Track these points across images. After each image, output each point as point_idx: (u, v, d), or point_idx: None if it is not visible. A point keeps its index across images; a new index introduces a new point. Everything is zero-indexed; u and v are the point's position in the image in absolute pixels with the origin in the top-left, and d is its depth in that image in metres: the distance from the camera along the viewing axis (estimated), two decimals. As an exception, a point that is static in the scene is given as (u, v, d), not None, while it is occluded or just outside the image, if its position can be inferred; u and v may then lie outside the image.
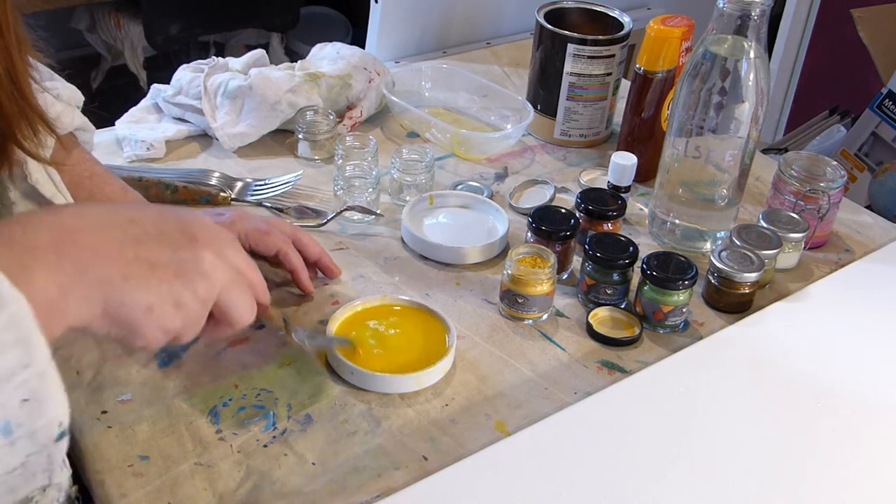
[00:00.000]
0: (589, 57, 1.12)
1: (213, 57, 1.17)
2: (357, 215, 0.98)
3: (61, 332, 0.51)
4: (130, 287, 0.52)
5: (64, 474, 0.63)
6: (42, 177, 0.74)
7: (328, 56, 1.20)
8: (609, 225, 0.95)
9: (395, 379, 0.76)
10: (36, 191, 0.74)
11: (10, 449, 0.46)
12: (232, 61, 1.15)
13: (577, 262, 0.93)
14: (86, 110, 0.87)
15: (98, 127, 0.89)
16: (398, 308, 0.84)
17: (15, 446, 0.46)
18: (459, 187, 1.06)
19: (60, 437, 0.48)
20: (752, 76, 0.89)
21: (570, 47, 1.11)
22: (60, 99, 0.80)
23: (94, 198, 0.83)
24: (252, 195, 1.01)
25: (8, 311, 0.45)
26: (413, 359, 0.79)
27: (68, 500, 0.67)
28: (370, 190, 0.99)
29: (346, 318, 0.82)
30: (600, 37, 1.11)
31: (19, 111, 0.58)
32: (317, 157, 1.09)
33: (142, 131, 1.08)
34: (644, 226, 1.03)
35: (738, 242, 0.91)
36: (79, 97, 0.85)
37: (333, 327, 0.80)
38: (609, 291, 0.88)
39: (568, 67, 1.13)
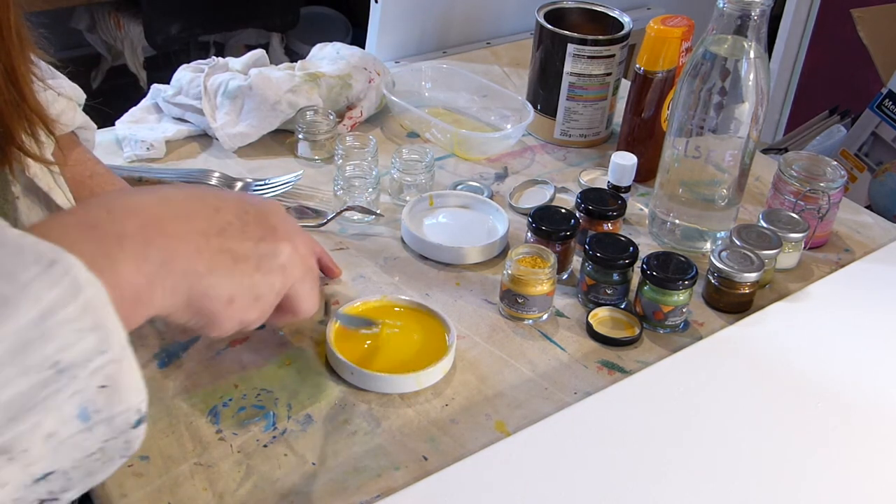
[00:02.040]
0: (589, 57, 1.12)
1: (213, 57, 1.17)
2: (357, 215, 0.98)
3: (144, 321, 0.51)
4: (215, 279, 0.53)
5: None
6: (40, 170, 0.74)
7: (328, 56, 1.20)
8: (609, 225, 0.95)
9: (395, 379, 0.76)
10: (34, 183, 0.74)
11: (88, 434, 0.45)
12: (232, 61, 1.15)
13: (577, 262, 0.93)
14: (86, 110, 0.87)
15: (98, 127, 0.89)
16: (398, 308, 0.84)
17: (93, 432, 0.46)
18: (459, 187, 1.06)
19: (139, 423, 0.48)
20: (752, 76, 0.89)
21: (570, 47, 1.11)
22: (62, 97, 0.80)
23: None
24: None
25: (84, 297, 0.44)
26: (413, 359, 0.79)
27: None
28: (370, 190, 0.99)
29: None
30: (600, 37, 1.11)
31: (18, 112, 0.58)
32: (317, 157, 1.09)
33: (142, 131, 1.08)
34: (644, 226, 1.03)
35: (738, 242, 0.91)
36: (80, 95, 0.85)
37: (333, 328, 0.80)
38: (609, 291, 0.88)
39: (568, 67, 1.13)
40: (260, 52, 1.18)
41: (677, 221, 0.98)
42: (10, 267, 0.43)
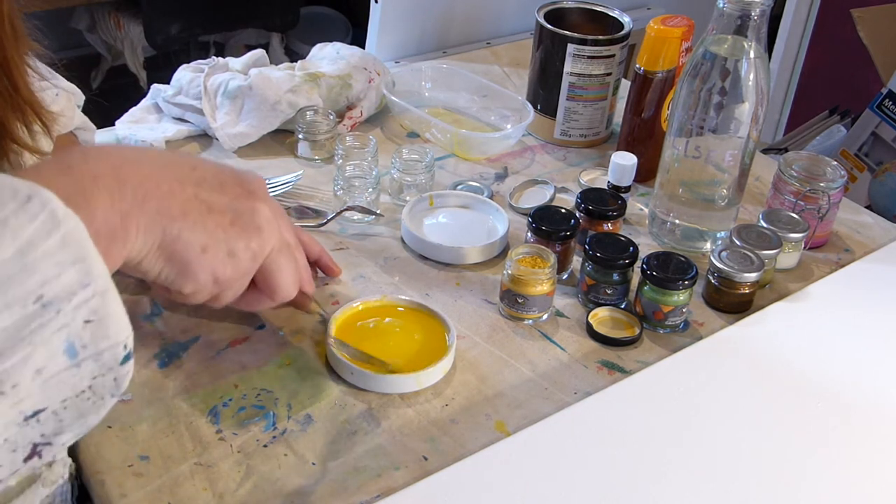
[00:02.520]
0: (589, 57, 1.12)
1: (213, 57, 1.17)
2: (357, 215, 0.98)
3: (121, 261, 0.51)
4: (188, 224, 0.53)
5: (62, 453, 0.63)
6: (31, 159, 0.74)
7: (328, 56, 1.20)
8: (609, 225, 0.95)
9: (395, 379, 0.76)
10: None
11: (76, 370, 0.46)
12: (232, 61, 1.15)
13: (577, 262, 0.93)
14: (86, 110, 0.87)
15: (98, 127, 0.89)
16: (398, 308, 0.84)
17: (80, 368, 0.46)
18: (459, 187, 1.06)
19: (126, 359, 0.48)
20: (752, 76, 0.89)
21: (570, 47, 1.11)
22: (60, 97, 0.80)
23: None
24: (252, 195, 1.01)
25: (62, 231, 0.45)
26: (413, 359, 0.79)
27: (70, 478, 0.67)
28: (370, 190, 0.99)
29: (346, 318, 0.82)
30: (600, 37, 1.11)
31: (12, 105, 0.58)
32: (317, 157, 1.09)
33: (142, 131, 1.08)
34: (644, 226, 1.03)
35: (738, 242, 0.91)
36: (79, 95, 0.85)
37: (333, 327, 0.80)
38: (609, 291, 0.88)
39: (568, 67, 1.13)
40: (260, 52, 1.18)
41: (677, 221, 0.98)
42: None
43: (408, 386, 0.77)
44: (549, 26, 1.13)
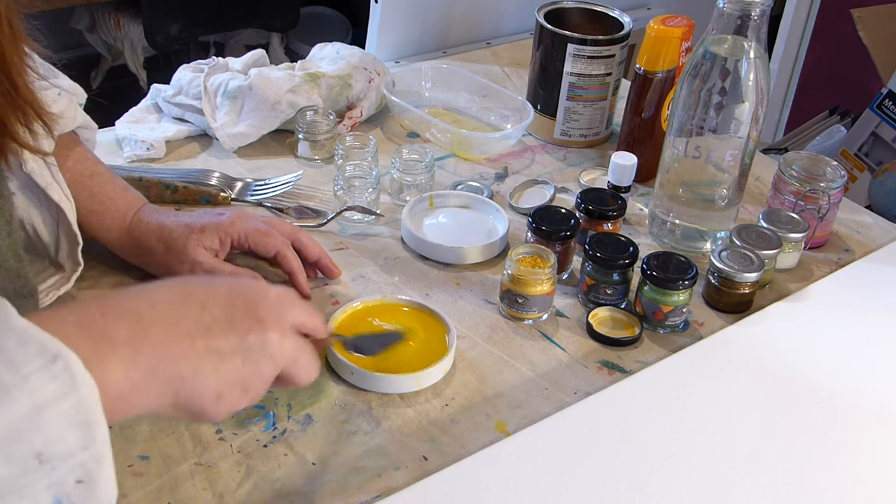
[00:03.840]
0: (589, 57, 1.12)
1: (213, 57, 1.17)
2: (357, 215, 0.98)
3: (126, 418, 0.52)
4: (201, 380, 0.54)
5: None
6: (38, 166, 0.74)
7: (328, 56, 1.20)
8: (609, 225, 0.95)
9: (395, 379, 0.76)
10: (31, 180, 0.74)
11: None
12: (232, 61, 1.15)
13: (577, 262, 0.93)
14: (86, 110, 0.87)
15: (98, 127, 0.89)
16: (398, 308, 0.84)
17: None
18: (459, 187, 1.06)
19: None
20: (752, 76, 0.89)
21: (570, 47, 1.11)
22: (62, 97, 0.81)
23: (95, 197, 0.83)
24: (252, 195, 1.01)
25: (79, 394, 0.46)
26: (413, 359, 0.79)
27: None
28: (370, 190, 0.99)
29: (346, 318, 0.82)
30: (600, 37, 1.11)
31: (10, 102, 0.58)
32: (317, 157, 1.09)
33: (142, 131, 1.08)
34: (644, 226, 1.03)
35: (738, 242, 0.91)
36: (81, 94, 0.85)
37: (333, 327, 0.80)
38: (609, 291, 0.88)
39: (568, 67, 1.13)
40: (260, 52, 1.18)
41: (677, 221, 0.98)
42: (14, 356, 0.45)
43: (408, 386, 0.77)
44: (549, 26, 1.13)
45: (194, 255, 0.81)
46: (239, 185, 1.02)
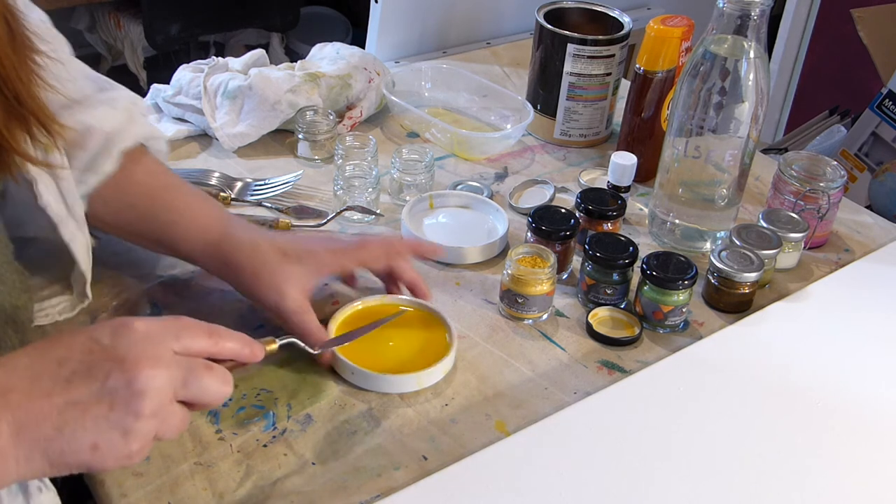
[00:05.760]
0: (589, 57, 1.12)
1: (213, 57, 1.17)
2: (357, 215, 0.98)
3: (7, 486, 0.51)
4: (67, 436, 0.52)
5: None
6: (53, 199, 0.71)
7: (328, 56, 1.20)
8: (609, 225, 0.95)
9: (395, 379, 0.76)
10: (21, 188, 0.72)
11: None
12: (232, 61, 1.15)
13: (577, 262, 0.93)
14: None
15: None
16: (398, 308, 0.84)
17: None
18: (459, 187, 1.06)
19: None
20: (752, 76, 0.89)
21: (570, 47, 1.11)
22: (118, 110, 0.78)
23: (173, 209, 0.80)
24: (252, 195, 1.01)
25: None
26: (413, 359, 0.79)
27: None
28: (370, 190, 0.99)
29: (346, 319, 0.82)
30: (600, 37, 1.11)
31: (13, 114, 0.56)
32: (317, 157, 1.09)
33: (142, 131, 1.08)
34: (644, 226, 1.03)
35: (738, 242, 0.91)
36: (141, 105, 0.82)
37: (333, 327, 0.80)
38: (609, 291, 0.88)
39: (568, 67, 1.13)
40: (260, 52, 1.18)
41: (677, 221, 0.98)
42: None
43: (408, 386, 0.77)
44: (549, 26, 1.13)
45: (285, 291, 0.77)
46: (239, 185, 1.02)
